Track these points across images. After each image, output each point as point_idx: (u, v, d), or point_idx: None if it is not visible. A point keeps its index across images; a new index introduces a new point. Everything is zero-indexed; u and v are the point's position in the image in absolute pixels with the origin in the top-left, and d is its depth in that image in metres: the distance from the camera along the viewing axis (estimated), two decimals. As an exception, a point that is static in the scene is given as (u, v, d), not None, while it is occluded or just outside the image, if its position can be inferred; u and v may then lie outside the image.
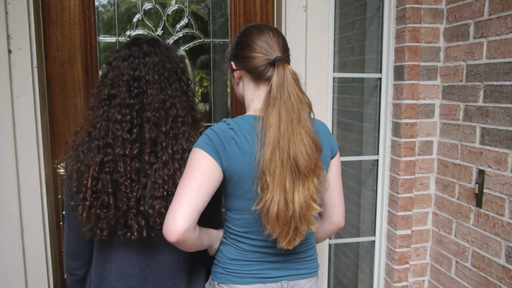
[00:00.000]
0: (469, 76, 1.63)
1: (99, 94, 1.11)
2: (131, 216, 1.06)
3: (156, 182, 1.06)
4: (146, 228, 1.07)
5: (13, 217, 1.59)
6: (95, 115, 1.10)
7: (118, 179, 1.05)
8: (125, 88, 1.08)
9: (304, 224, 1.06)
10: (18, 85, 1.56)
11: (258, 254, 1.13)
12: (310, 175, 1.04)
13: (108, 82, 1.10)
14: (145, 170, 1.07)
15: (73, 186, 1.08)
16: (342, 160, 2.23)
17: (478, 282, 1.59)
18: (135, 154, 1.06)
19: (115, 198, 1.06)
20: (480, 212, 1.59)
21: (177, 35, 1.80)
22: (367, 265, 2.08)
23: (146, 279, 1.16)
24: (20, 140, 1.58)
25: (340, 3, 2.01)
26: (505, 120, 1.46)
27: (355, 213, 2.20)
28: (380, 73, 1.89)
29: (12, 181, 1.58)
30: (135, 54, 1.10)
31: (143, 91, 1.08)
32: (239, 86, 1.18)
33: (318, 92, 1.76)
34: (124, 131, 1.05)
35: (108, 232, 1.07)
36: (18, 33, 1.54)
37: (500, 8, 1.47)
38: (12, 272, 1.62)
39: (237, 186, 1.07)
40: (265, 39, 1.09)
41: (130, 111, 1.07)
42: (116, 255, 1.14)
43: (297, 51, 1.72)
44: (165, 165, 1.06)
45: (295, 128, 1.02)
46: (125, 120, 1.06)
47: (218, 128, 1.07)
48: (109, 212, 1.06)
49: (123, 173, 1.05)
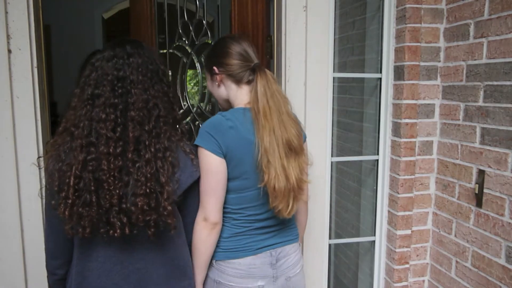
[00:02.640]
0: (469, 76, 1.63)
1: (81, 94, 1.11)
2: (113, 213, 1.07)
3: (139, 180, 1.08)
4: (129, 225, 1.09)
5: (13, 217, 1.59)
6: (77, 115, 1.10)
7: (101, 177, 1.06)
8: (109, 87, 1.09)
9: (299, 194, 1.27)
10: (18, 85, 1.56)
11: (250, 228, 1.29)
12: (299, 154, 1.27)
13: (92, 82, 1.10)
14: (127, 168, 1.08)
15: (54, 185, 1.08)
16: (342, 160, 2.24)
17: (478, 282, 1.59)
18: (118, 152, 1.07)
19: (97, 196, 1.07)
20: (480, 212, 1.59)
21: (198, 43, 2.02)
22: (367, 265, 2.08)
23: (129, 276, 1.16)
24: (20, 140, 1.58)
25: (340, 3, 2.01)
26: (505, 120, 1.46)
27: (355, 213, 2.20)
28: (380, 73, 1.89)
29: (12, 181, 1.58)
30: (119, 55, 1.12)
31: (127, 91, 1.10)
32: (220, 88, 1.35)
33: (318, 92, 1.76)
34: (108, 129, 1.07)
35: (90, 229, 1.08)
36: (18, 33, 1.54)
37: (500, 8, 1.47)
38: (12, 272, 1.62)
39: (236, 169, 1.23)
40: (242, 47, 1.31)
41: (114, 110, 1.08)
42: (98, 253, 1.15)
43: (297, 51, 1.72)
44: (148, 163, 1.09)
45: (284, 117, 1.24)
46: (109, 119, 1.07)
47: (216, 120, 1.24)
48: (91, 210, 1.07)
49: (107, 171, 1.06)
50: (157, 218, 1.10)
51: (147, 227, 1.10)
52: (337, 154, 2.19)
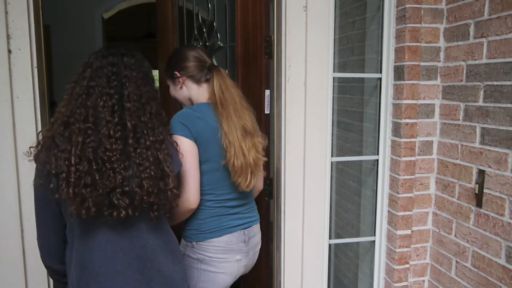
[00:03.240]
0: (469, 76, 1.63)
1: (75, 87, 1.15)
2: (117, 195, 1.09)
3: (142, 164, 1.12)
4: (132, 208, 1.11)
5: (13, 217, 1.59)
6: (72, 106, 1.13)
7: (103, 157, 1.08)
8: (105, 79, 1.13)
9: (256, 170, 1.49)
10: (18, 85, 1.56)
11: (222, 207, 1.49)
12: (254, 136, 1.49)
13: (87, 75, 1.14)
14: (128, 153, 1.11)
15: (51, 169, 1.07)
16: (342, 160, 2.24)
17: (478, 282, 1.59)
18: (118, 136, 1.10)
19: (100, 176, 1.08)
20: (480, 212, 1.59)
21: (210, 44, 2.14)
22: (367, 265, 2.08)
23: (131, 264, 1.18)
24: (20, 140, 1.58)
25: (340, 3, 2.01)
26: (505, 120, 1.46)
27: (355, 213, 2.20)
28: (380, 73, 1.89)
29: (12, 181, 1.58)
30: (114, 53, 1.17)
31: (122, 84, 1.14)
32: (183, 89, 1.56)
33: (318, 92, 1.76)
34: (107, 114, 1.10)
35: (95, 209, 1.08)
36: (18, 33, 1.54)
37: (500, 8, 1.47)
38: (12, 272, 1.62)
39: (206, 152, 1.43)
40: (196, 52, 1.54)
41: (110, 98, 1.12)
42: (99, 242, 1.15)
43: (297, 51, 1.72)
44: (148, 149, 1.14)
45: (238, 107, 1.48)
46: (106, 106, 1.11)
47: (185, 112, 1.47)
48: (94, 191, 1.08)
49: (109, 150, 1.09)
50: (162, 200, 1.15)
51: (150, 209, 1.15)
52: (337, 154, 2.19)
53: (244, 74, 1.88)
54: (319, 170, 1.81)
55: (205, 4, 2.10)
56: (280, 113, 1.77)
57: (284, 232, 1.82)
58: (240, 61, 1.88)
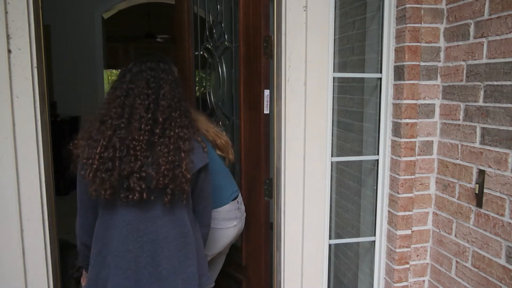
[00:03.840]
0: (469, 76, 1.63)
1: (114, 92, 1.32)
2: (134, 179, 1.24)
3: (162, 151, 1.27)
4: (147, 191, 1.25)
5: (13, 217, 1.59)
6: (110, 106, 1.30)
7: (129, 145, 1.25)
8: (144, 82, 1.31)
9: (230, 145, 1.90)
10: (18, 85, 1.56)
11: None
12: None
13: (127, 79, 1.32)
14: (153, 142, 1.27)
15: (84, 157, 1.26)
16: (342, 160, 2.24)
17: (478, 283, 1.59)
18: (147, 129, 1.27)
19: (120, 163, 1.24)
20: (480, 212, 1.58)
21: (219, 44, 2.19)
22: (367, 265, 2.08)
23: (143, 247, 1.31)
24: (20, 140, 1.58)
25: (340, 3, 2.01)
26: (506, 120, 1.46)
27: (355, 213, 2.20)
28: (380, 73, 1.89)
29: (12, 181, 1.58)
30: (151, 59, 1.36)
31: (159, 85, 1.32)
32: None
33: (318, 92, 1.76)
34: (142, 111, 1.27)
35: (110, 192, 1.24)
36: (18, 33, 1.54)
37: (500, 8, 1.47)
38: (12, 272, 1.62)
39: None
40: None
41: (147, 98, 1.29)
42: (118, 221, 1.31)
43: (297, 51, 1.72)
44: (170, 139, 1.28)
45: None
46: (143, 104, 1.28)
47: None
48: (113, 175, 1.23)
49: (136, 140, 1.25)
50: (175, 185, 1.27)
51: (164, 193, 1.27)
52: (337, 154, 2.19)
53: (246, 74, 1.88)
54: (319, 170, 1.81)
55: (215, 7, 2.16)
56: (280, 113, 1.77)
57: (284, 232, 1.82)
58: (242, 61, 1.88)
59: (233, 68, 2.12)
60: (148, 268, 1.32)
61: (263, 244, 1.89)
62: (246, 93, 1.88)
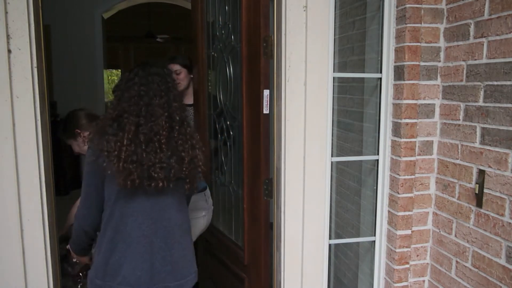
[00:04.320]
0: (469, 76, 1.63)
1: (123, 94, 1.44)
2: (156, 169, 1.38)
3: (182, 145, 1.43)
4: (167, 180, 1.40)
5: (13, 217, 1.59)
6: (122, 106, 1.43)
7: (154, 140, 1.39)
8: (155, 84, 1.45)
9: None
10: (18, 85, 1.56)
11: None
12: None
13: (136, 81, 1.44)
14: (173, 138, 1.42)
15: (103, 150, 1.37)
16: (342, 160, 2.24)
17: (478, 283, 1.59)
18: (168, 126, 1.41)
19: (146, 155, 1.38)
20: (480, 212, 1.59)
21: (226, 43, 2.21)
22: (367, 265, 2.08)
23: (157, 232, 1.46)
24: (20, 140, 1.58)
25: (340, 3, 2.01)
26: (506, 120, 1.46)
27: (355, 213, 2.20)
28: (380, 73, 1.89)
29: (12, 181, 1.58)
30: (156, 65, 1.50)
31: (168, 88, 1.47)
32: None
33: (318, 92, 1.76)
34: (159, 109, 1.41)
35: (139, 181, 1.37)
36: (18, 33, 1.53)
37: (500, 8, 1.47)
38: (12, 272, 1.62)
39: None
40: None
41: (161, 98, 1.43)
42: (133, 210, 1.43)
43: (297, 51, 1.72)
44: (186, 135, 1.46)
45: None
46: (159, 103, 1.42)
47: None
48: (138, 167, 1.36)
49: (160, 135, 1.39)
50: (193, 175, 1.46)
51: (184, 181, 1.45)
52: (337, 154, 2.19)
53: (247, 74, 1.88)
54: (319, 170, 1.81)
55: (224, 8, 2.19)
56: (280, 113, 1.77)
57: (284, 232, 1.82)
58: (245, 61, 1.88)
59: (238, 68, 2.13)
60: (161, 252, 1.46)
61: (263, 244, 1.89)
62: (248, 93, 1.88)
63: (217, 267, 2.33)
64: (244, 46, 1.87)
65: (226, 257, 2.20)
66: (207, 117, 2.41)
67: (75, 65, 5.03)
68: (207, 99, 2.41)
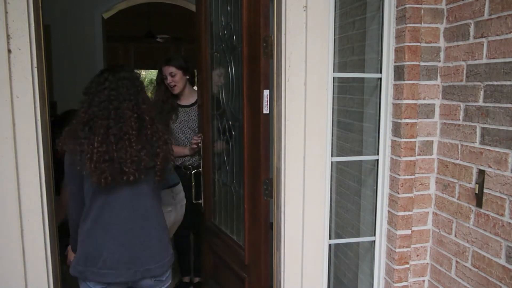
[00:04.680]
0: (469, 76, 1.63)
1: (93, 99, 1.55)
2: (127, 164, 1.51)
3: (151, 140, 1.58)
4: (138, 172, 1.53)
5: (13, 217, 1.59)
6: (92, 110, 1.54)
7: (125, 139, 1.51)
8: (125, 89, 1.56)
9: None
10: (18, 85, 1.56)
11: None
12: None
13: (106, 86, 1.56)
14: (143, 136, 1.56)
15: (76, 153, 1.51)
16: (342, 160, 2.24)
17: (478, 282, 1.59)
18: (137, 126, 1.55)
19: (117, 153, 1.50)
20: (480, 212, 1.59)
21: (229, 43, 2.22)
22: (367, 265, 2.08)
23: (135, 220, 1.60)
24: (20, 140, 1.58)
25: (340, 3, 2.01)
26: (506, 120, 1.46)
27: (355, 213, 2.20)
28: (380, 73, 1.89)
29: (12, 181, 1.58)
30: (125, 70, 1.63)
31: (137, 91, 1.60)
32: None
33: (318, 92, 1.76)
34: (129, 112, 1.54)
35: (111, 178, 1.49)
36: (18, 33, 1.54)
37: (500, 8, 1.47)
38: (12, 272, 1.62)
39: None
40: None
41: (131, 101, 1.56)
42: (112, 201, 1.57)
43: (297, 51, 1.72)
44: (157, 132, 1.61)
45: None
46: (129, 106, 1.55)
47: None
48: (111, 165, 1.49)
49: (130, 134, 1.52)
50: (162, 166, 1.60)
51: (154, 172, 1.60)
52: (337, 154, 2.19)
53: (248, 74, 1.88)
54: (319, 170, 1.81)
55: (226, 8, 2.19)
56: (280, 113, 1.77)
57: (284, 232, 1.82)
58: (245, 61, 1.88)
59: (240, 68, 2.14)
60: (140, 238, 1.59)
61: (263, 244, 1.89)
62: (248, 93, 1.88)
63: (220, 267, 2.33)
64: (245, 46, 1.87)
65: (228, 256, 2.20)
66: (210, 117, 2.41)
67: (75, 65, 5.02)
68: (210, 99, 2.41)
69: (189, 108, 2.85)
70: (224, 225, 2.32)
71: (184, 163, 2.80)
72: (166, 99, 2.81)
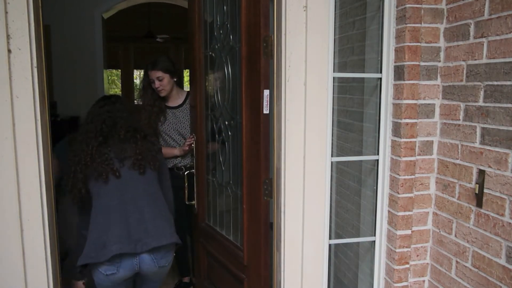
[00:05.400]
0: (469, 76, 1.63)
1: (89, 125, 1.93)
2: (118, 163, 1.87)
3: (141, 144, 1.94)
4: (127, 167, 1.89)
5: (13, 217, 1.59)
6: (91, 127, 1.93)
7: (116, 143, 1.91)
8: (119, 112, 1.99)
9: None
10: (18, 85, 1.56)
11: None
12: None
13: (105, 110, 1.97)
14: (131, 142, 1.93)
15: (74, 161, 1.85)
16: (342, 160, 2.24)
17: (478, 283, 1.59)
18: (129, 136, 1.94)
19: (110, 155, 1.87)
20: (480, 212, 1.59)
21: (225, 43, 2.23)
22: (367, 265, 2.08)
23: (127, 202, 1.84)
24: (20, 140, 1.58)
25: (340, 3, 2.01)
26: (506, 120, 1.46)
27: (355, 213, 2.20)
28: (380, 73, 1.89)
29: (12, 181, 1.58)
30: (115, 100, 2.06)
31: (129, 115, 2.02)
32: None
33: (318, 92, 1.76)
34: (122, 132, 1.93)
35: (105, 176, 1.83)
36: (18, 33, 1.54)
37: (500, 8, 1.47)
38: (12, 272, 1.62)
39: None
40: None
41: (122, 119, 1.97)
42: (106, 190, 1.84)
43: (297, 51, 1.72)
44: (144, 138, 1.97)
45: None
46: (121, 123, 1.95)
47: None
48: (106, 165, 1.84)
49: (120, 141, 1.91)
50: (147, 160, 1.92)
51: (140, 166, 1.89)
52: (337, 154, 2.19)
53: (247, 74, 1.88)
54: (319, 170, 1.81)
55: (221, 8, 2.19)
56: (280, 113, 1.77)
57: (284, 232, 1.82)
58: (244, 61, 1.88)
59: (237, 68, 2.13)
60: (135, 215, 1.81)
61: (263, 244, 1.89)
62: (248, 93, 1.88)
63: (216, 268, 2.33)
64: (244, 46, 1.87)
65: (225, 257, 2.19)
66: (203, 117, 2.40)
67: (75, 65, 5.03)
68: (203, 100, 2.40)
69: (177, 109, 2.83)
70: (219, 226, 2.31)
71: (176, 164, 2.79)
72: (153, 102, 2.77)
